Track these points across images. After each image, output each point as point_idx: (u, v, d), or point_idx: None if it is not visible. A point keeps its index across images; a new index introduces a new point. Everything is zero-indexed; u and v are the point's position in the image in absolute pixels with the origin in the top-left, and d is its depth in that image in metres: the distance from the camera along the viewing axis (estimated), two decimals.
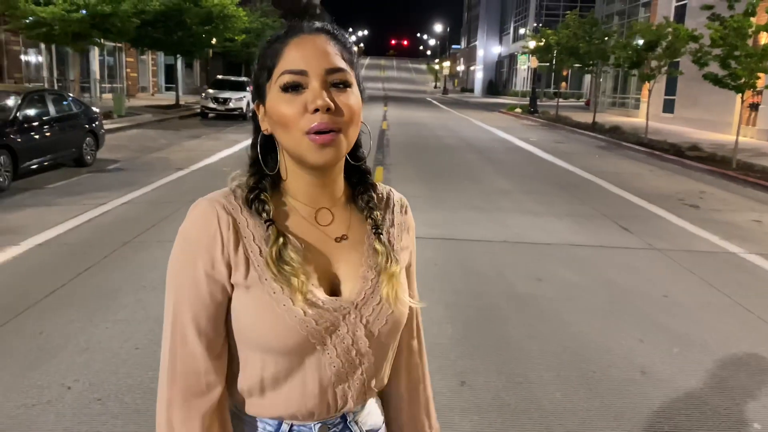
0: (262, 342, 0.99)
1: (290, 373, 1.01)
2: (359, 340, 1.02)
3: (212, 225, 0.99)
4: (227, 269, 0.99)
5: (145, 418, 3.06)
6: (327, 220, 1.05)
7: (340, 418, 1.09)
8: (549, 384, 3.48)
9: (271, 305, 0.97)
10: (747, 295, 5.08)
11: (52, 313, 4.37)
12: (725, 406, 3.31)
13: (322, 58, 0.97)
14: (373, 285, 1.04)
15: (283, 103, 0.97)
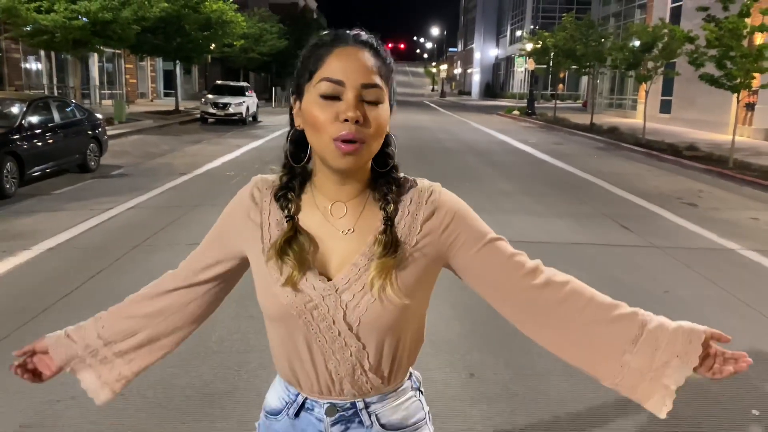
0: (263, 308, 1.16)
1: (286, 340, 1.14)
2: (339, 322, 1.09)
3: (244, 202, 1.19)
4: (241, 237, 1.19)
5: (167, 412, 3.18)
6: (340, 213, 1.13)
7: (350, 403, 1.15)
8: (555, 375, 3.61)
9: (265, 276, 1.13)
10: (745, 289, 5.21)
11: (68, 314, 4.47)
12: (725, 394, 3.43)
13: (360, 72, 1.05)
14: (359, 273, 1.09)
15: (318, 108, 1.05)
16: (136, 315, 1.29)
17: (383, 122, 1.07)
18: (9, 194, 8.78)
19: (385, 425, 1.16)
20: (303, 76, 1.11)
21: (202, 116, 23.23)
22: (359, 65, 1.05)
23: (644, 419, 3.16)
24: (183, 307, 1.28)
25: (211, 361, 3.75)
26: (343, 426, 1.16)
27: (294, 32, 43.58)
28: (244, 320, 4.39)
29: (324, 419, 1.16)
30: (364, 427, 1.16)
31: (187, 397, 3.32)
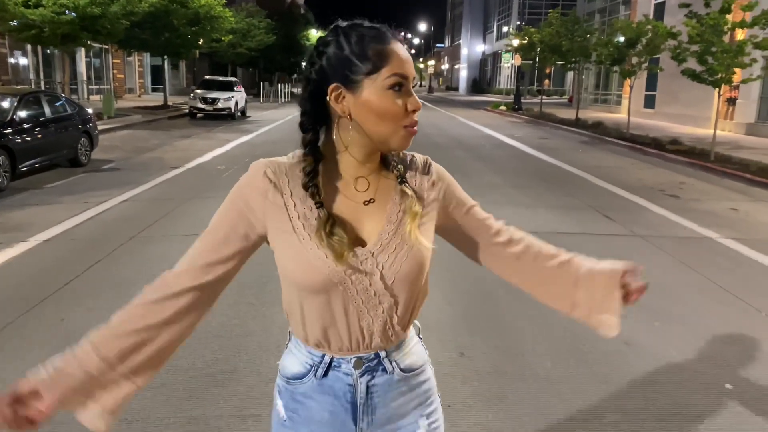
0: (296, 279, 1.21)
1: (321, 307, 1.21)
2: (375, 283, 1.20)
3: (259, 180, 1.22)
4: (263, 215, 1.22)
5: (172, 391, 3.32)
6: (363, 187, 1.25)
7: (374, 354, 1.27)
8: (541, 355, 3.80)
9: (302, 251, 1.19)
10: (723, 275, 5.43)
11: (69, 302, 4.60)
12: (701, 370, 3.64)
13: (412, 66, 1.20)
14: (389, 236, 1.22)
15: (390, 100, 1.16)
16: (142, 327, 1.24)
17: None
18: (1, 188, 8.85)
19: (403, 369, 1.30)
20: (360, 69, 1.16)
21: (190, 111, 23.23)
22: (410, 60, 1.20)
23: (624, 394, 3.36)
24: (197, 306, 1.26)
25: (212, 344, 3.90)
26: (369, 375, 1.27)
27: (282, 27, 43.51)
28: (243, 307, 4.54)
29: (352, 373, 1.27)
30: (388, 373, 1.28)
31: (191, 378, 3.47)
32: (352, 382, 1.27)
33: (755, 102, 20.35)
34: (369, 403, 1.29)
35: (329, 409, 1.29)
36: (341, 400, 1.28)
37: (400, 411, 1.31)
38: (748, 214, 8.20)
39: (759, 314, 4.56)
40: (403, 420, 1.32)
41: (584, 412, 3.16)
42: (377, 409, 1.29)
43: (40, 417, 1.17)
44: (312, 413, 1.30)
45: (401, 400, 1.31)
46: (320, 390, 1.28)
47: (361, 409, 1.29)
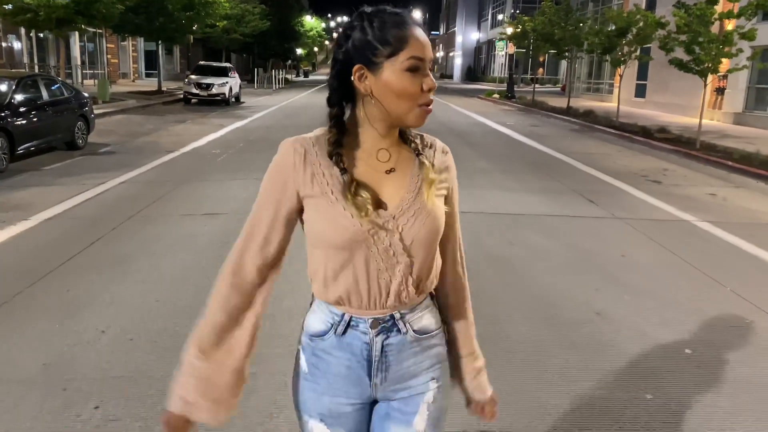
0: (325, 238, 1.34)
1: (345, 264, 1.34)
2: (395, 243, 1.32)
3: (289, 155, 1.35)
4: (297, 186, 1.34)
5: (174, 354, 3.55)
6: (385, 158, 1.37)
7: (390, 316, 1.38)
8: (516, 322, 4.08)
9: (331, 211, 1.31)
10: (695, 255, 5.72)
11: (74, 275, 4.85)
12: (664, 337, 3.93)
13: (430, 49, 1.31)
14: (409, 201, 1.34)
15: (407, 80, 1.28)
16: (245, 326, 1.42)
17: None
18: (1, 170, 9.04)
19: (417, 331, 1.41)
20: (381, 51, 1.28)
21: (185, 96, 23.33)
22: (428, 43, 1.30)
23: (591, 357, 3.64)
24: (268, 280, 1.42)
25: None
26: (384, 335, 1.38)
27: (276, 13, 43.41)
28: None
29: (369, 332, 1.38)
30: (401, 333, 1.39)
31: None
32: (368, 341, 1.38)
33: (743, 92, 20.64)
34: (383, 360, 1.39)
35: (346, 365, 1.40)
36: (358, 357, 1.39)
37: (411, 370, 1.42)
38: (725, 199, 8.51)
39: (724, 289, 4.86)
40: (415, 380, 1.43)
41: (553, 373, 3.44)
42: (391, 366, 1.40)
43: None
44: (331, 367, 1.41)
45: (413, 360, 1.42)
46: (339, 346, 1.39)
47: (376, 365, 1.39)
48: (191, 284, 4.70)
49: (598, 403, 3.13)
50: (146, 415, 2.94)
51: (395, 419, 1.43)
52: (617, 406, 3.11)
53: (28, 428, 2.82)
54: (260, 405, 3.04)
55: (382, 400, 1.45)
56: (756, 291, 4.80)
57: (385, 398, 1.44)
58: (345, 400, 1.42)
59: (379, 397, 1.44)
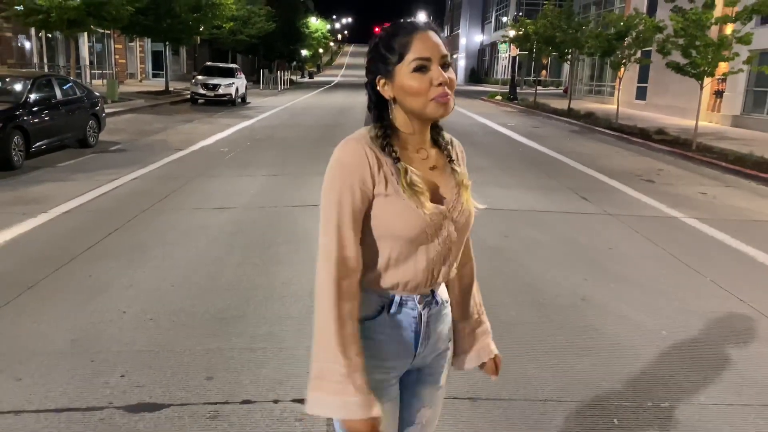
0: (395, 232, 1.46)
1: (408, 255, 1.48)
2: (451, 234, 1.51)
3: (362, 155, 1.44)
4: (372, 185, 1.44)
5: (191, 330, 3.90)
6: (425, 155, 1.54)
7: (430, 291, 1.56)
8: (506, 306, 4.39)
9: (405, 208, 1.44)
10: (680, 248, 6.02)
11: (93, 263, 5.18)
12: (643, 321, 4.23)
13: (438, 48, 1.43)
14: (457, 196, 1.53)
15: (416, 80, 1.42)
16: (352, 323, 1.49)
17: (455, 79, 1.47)
18: (16, 166, 9.37)
19: (444, 302, 1.62)
20: (390, 60, 1.44)
21: (192, 97, 23.69)
22: (436, 43, 1.43)
23: (575, 338, 3.95)
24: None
25: (223, 295, 4.49)
26: (428, 308, 1.56)
27: (281, 15, 43.78)
28: (248, 267, 5.13)
29: (417, 307, 1.54)
30: (438, 305, 1.59)
31: (206, 320, 4.06)
32: (416, 315, 1.54)
33: (741, 95, 20.90)
34: (427, 330, 1.57)
35: (396, 341, 1.54)
36: (407, 331, 1.54)
37: (441, 335, 1.62)
38: (715, 198, 8.80)
39: (704, 279, 5.16)
40: (441, 344, 1.63)
41: (539, 351, 3.75)
42: (431, 334, 1.58)
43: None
44: (380, 347, 1.53)
45: (442, 325, 1.62)
46: (389, 325, 1.53)
47: (423, 336, 1.56)
48: (204, 270, 5.03)
49: (578, 375, 3.44)
50: (168, 382, 3.26)
51: (425, 381, 1.64)
52: (596, 377, 3.42)
53: (62, 393, 3.14)
54: (271, 375, 3.36)
55: (413, 370, 1.63)
56: (734, 281, 5.10)
57: (419, 366, 1.62)
58: (394, 374, 1.57)
59: (416, 366, 1.62)
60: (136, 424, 2.88)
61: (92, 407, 3.01)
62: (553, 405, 3.13)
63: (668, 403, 3.18)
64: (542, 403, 3.14)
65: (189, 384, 3.24)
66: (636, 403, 3.17)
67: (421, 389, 1.65)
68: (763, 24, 19.13)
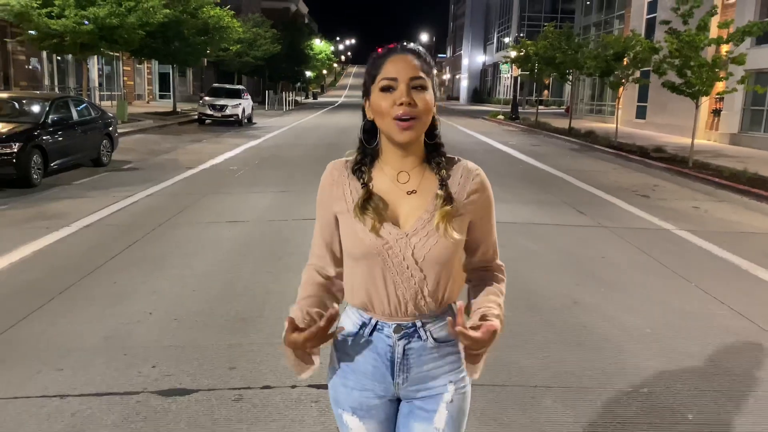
0: (348, 250, 1.55)
1: (366, 275, 1.52)
2: (408, 258, 1.48)
3: (328, 178, 1.58)
4: (331, 204, 1.57)
5: (212, 329, 4.26)
6: (405, 179, 1.54)
7: (412, 323, 1.53)
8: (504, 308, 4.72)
9: (353, 226, 1.51)
10: (669, 257, 6.36)
11: (117, 271, 5.54)
12: (629, 320, 4.57)
13: (407, 69, 1.45)
14: (424, 222, 1.49)
15: (381, 99, 1.46)
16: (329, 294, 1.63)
17: (429, 102, 1.46)
18: (35, 184, 9.79)
19: (437, 339, 1.55)
20: (368, 81, 1.51)
21: (199, 117, 24.24)
22: (406, 64, 1.46)
23: (565, 335, 4.28)
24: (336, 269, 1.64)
25: (240, 299, 4.85)
26: (406, 340, 1.54)
27: (286, 37, 44.56)
28: (263, 274, 5.49)
29: (392, 336, 1.53)
30: (422, 340, 1.54)
31: (226, 321, 4.41)
32: (391, 344, 1.54)
33: (738, 113, 21.31)
34: (405, 362, 1.54)
35: (372, 364, 1.55)
36: (382, 358, 1.54)
37: (431, 374, 1.56)
38: (707, 211, 9.15)
39: (689, 284, 5.50)
40: (434, 382, 1.57)
41: (531, 345, 4.09)
42: (412, 368, 1.55)
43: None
44: (358, 365, 1.57)
45: (433, 365, 1.56)
46: (366, 347, 1.55)
47: (398, 366, 1.54)
48: (221, 278, 5.39)
49: (567, 366, 3.77)
50: (194, 372, 3.61)
51: (418, 416, 1.58)
52: (582, 367, 3.75)
53: (101, 381, 3.49)
54: None
55: (405, 399, 1.61)
56: (717, 286, 5.43)
57: (408, 397, 1.60)
58: (372, 394, 1.58)
59: (402, 396, 1.60)
60: (169, 405, 3.23)
61: (129, 392, 3.36)
62: (542, 390, 3.47)
63: (647, 389, 3.51)
64: (533, 389, 3.48)
65: (214, 373, 3.59)
66: (617, 389, 3.51)
67: (413, 424, 1.60)
68: (759, 44, 19.61)
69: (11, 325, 4.25)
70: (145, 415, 3.13)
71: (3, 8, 16.06)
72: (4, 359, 3.74)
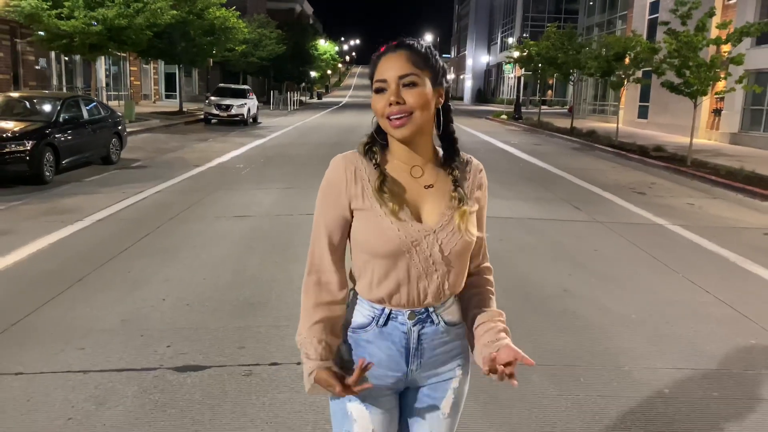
0: (371, 248, 1.51)
1: (389, 271, 1.51)
2: (435, 254, 1.50)
3: (341, 171, 1.53)
4: (348, 200, 1.52)
5: (222, 313, 4.52)
6: (418, 174, 1.54)
7: (425, 309, 1.57)
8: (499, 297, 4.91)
9: (379, 223, 1.48)
10: (660, 250, 6.60)
11: (131, 261, 5.82)
12: (617, 307, 4.82)
13: (396, 68, 1.46)
14: (449, 219, 1.51)
15: (376, 101, 1.48)
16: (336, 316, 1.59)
17: (421, 96, 1.46)
18: (47, 181, 10.08)
19: (447, 322, 1.60)
20: (371, 82, 1.52)
21: (205, 117, 24.54)
22: (395, 63, 1.47)
23: (554, 321, 4.53)
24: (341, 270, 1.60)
25: (248, 286, 5.12)
26: (420, 325, 1.57)
27: (291, 37, 44.87)
28: (269, 264, 5.76)
29: (407, 323, 1.56)
30: (434, 324, 1.58)
31: (235, 306, 4.68)
32: (406, 331, 1.56)
33: (738, 113, 21.50)
34: (419, 348, 1.57)
35: (387, 353, 1.57)
36: (397, 345, 1.57)
37: (442, 358, 1.60)
38: (701, 208, 9.38)
39: (677, 275, 5.75)
40: (444, 366, 1.61)
41: (522, 328, 4.33)
42: (425, 353, 1.58)
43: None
44: (371, 356, 1.56)
45: (443, 349, 1.60)
46: (380, 336, 1.57)
47: (413, 352, 1.57)
48: (229, 267, 5.66)
49: (554, 346, 4.03)
50: (207, 351, 3.88)
51: (425, 403, 1.63)
52: (569, 348, 4.01)
53: (119, 358, 3.76)
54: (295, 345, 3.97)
55: (413, 388, 1.64)
56: (703, 277, 5.68)
57: (417, 385, 1.63)
58: (383, 383, 1.59)
59: (411, 384, 1.63)
60: (184, 380, 3.50)
61: (146, 368, 3.63)
62: (530, 368, 3.71)
63: (627, 367, 3.77)
64: (521, 366, 3.72)
65: (225, 351, 3.86)
66: (600, 367, 3.76)
67: (421, 411, 1.64)
68: (758, 45, 19.81)
69: (34, 309, 4.53)
70: (162, 387, 3.40)
71: (14, 9, 16.38)
72: (29, 340, 4.01)
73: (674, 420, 3.20)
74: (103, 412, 3.14)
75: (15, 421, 3.06)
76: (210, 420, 3.09)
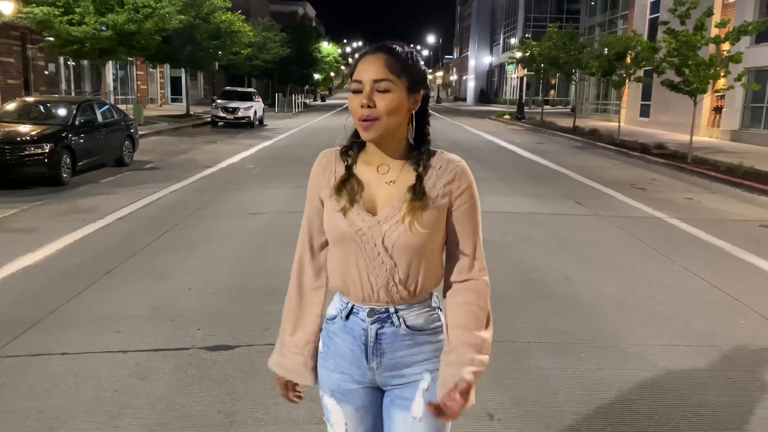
0: (327, 233, 1.61)
1: (342, 258, 1.57)
2: (379, 246, 1.51)
3: (317, 164, 1.66)
4: (319, 189, 1.62)
5: (245, 300, 4.84)
6: (385, 171, 1.57)
7: (385, 309, 1.56)
8: (502, 282, 5.27)
9: (331, 210, 1.57)
10: (658, 241, 6.89)
11: (153, 255, 6.14)
12: (615, 293, 5.12)
13: (371, 71, 1.48)
14: (395, 211, 1.51)
15: (351, 101, 1.51)
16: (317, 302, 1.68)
17: (390, 103, 1.47)
18: (65, 182, 10.41)
19: (410, 326, 1.57)
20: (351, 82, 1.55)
21: (212, 119, 24.90)
22: (372, 66, 1.48)
23: (556, 304, 4.83)
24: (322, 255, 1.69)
25: (268, 275, 5.43)
26: (379, 325, 1.56)
27: (295, 40, 45.24)
28: (286, 256, 5.85)
29: (366, 320, 1.57)
30: (395, 326, 1.56)
31: (257, 294, 4.99)
32: (365, 328, 1.57)
33: (739, 110, 21.75)
34: (377, 347, 1.57)
35: (349, 347, 1.60)
36: (357, 341, 1.59)
37: (405, 361, 1.58)
38: (699, 202, 9.67)
39: (674, 263, 6.05)
40: (409, 369, 1.58)
41: (525, 311, 4.64)
42: (385, 354, 1.57)
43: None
44: (338, 349, 1.62)
45: (407, 352, 1.57)
46: (344, 330, 1.60)
47: (371, 351, 1.58)
48: (248, 260, 5.98)
49: (555, 327, 4.33)
50: (234, 333, 4.19)
51: (397, 405, 1.61)
52: (568, 328, 4.31)
53: (154, 340, 4.08)
54: None
55: (383, 387, 1.64)
56: (699, 265, 5.97)
57: (385, 385, 1.62)
58: (350, 378, 1.62)
59: (380, 383, 1.63)
60: (216, 357, 3.81)
61: (180, 348, 3.95)
62: (533, 345, 4.03)
63: (625, 344, 4.07)
64: (525, 344, 4.05)
65: (251, 333, 4.17)
66: (600, 344, 4.07)
67: (393, 413, 1.62)
68: (758, 43, 20.05)
69: (67, 299, 4.84)
70: (197, 364, 3.72)
71: (26, 16, 16.75)
72: (67, 325, 4.33)
73: (666, 389, 3.50)
74: (146, 385, 3.45)
75: (67, 393, 3.37)
76: (243, 391, 3.41)
